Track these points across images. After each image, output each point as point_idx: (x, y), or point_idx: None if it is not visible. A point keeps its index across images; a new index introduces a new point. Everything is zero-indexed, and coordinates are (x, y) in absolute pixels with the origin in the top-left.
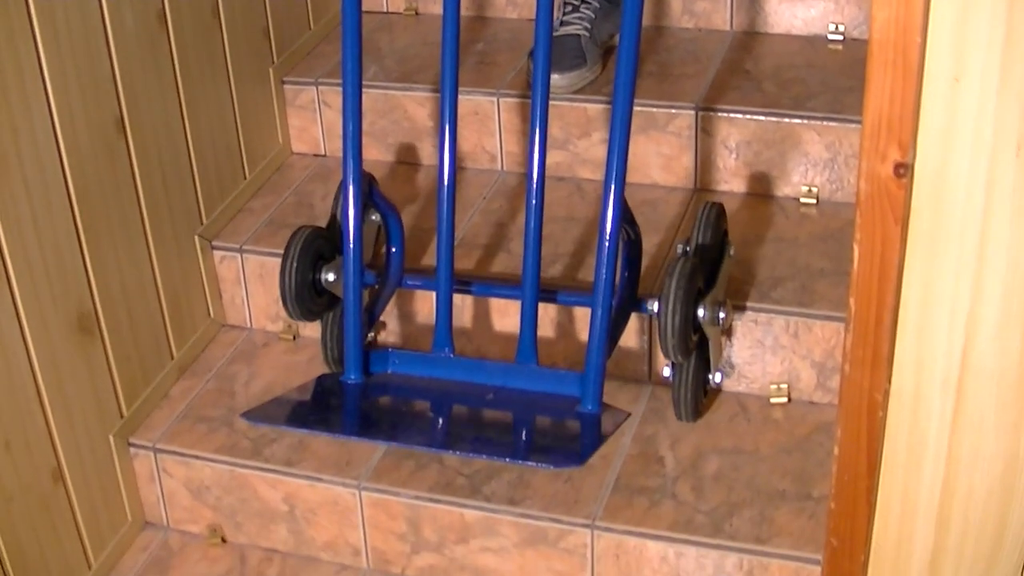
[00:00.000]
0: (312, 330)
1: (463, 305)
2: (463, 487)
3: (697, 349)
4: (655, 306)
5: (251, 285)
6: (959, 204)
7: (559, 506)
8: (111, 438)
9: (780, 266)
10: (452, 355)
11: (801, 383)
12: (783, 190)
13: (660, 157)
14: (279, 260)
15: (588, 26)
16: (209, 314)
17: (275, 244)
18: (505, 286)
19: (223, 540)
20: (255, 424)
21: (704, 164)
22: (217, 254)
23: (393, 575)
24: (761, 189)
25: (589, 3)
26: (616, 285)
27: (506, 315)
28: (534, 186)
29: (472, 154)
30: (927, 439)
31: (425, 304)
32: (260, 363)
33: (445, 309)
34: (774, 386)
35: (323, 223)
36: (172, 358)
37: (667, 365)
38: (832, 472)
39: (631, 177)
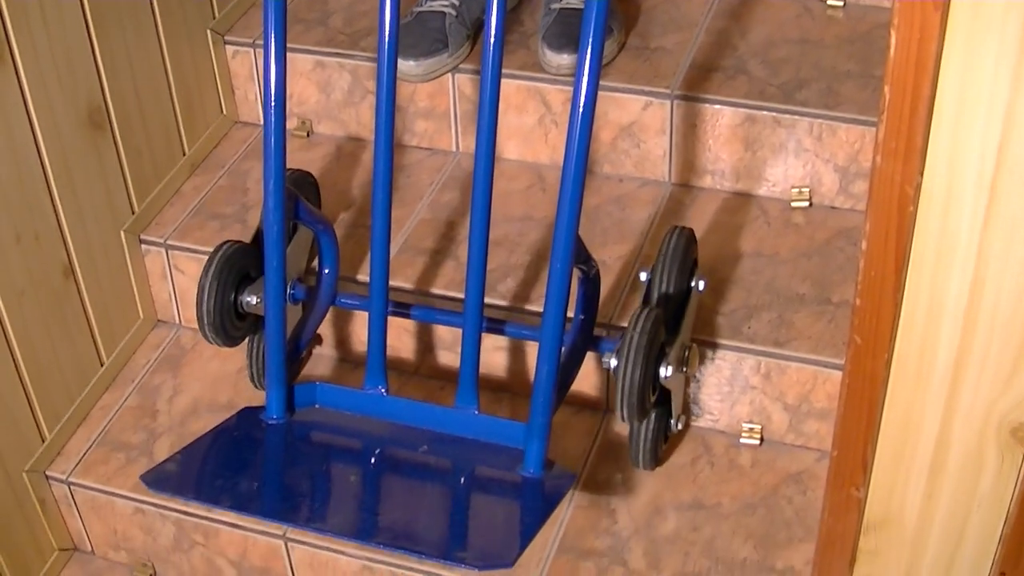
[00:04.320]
0: (327, 127)
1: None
2: None
3: (658, 401)
4: (612, 361)
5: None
6: None
7: None
8: (122, 234)
9: (805, 68)
10: (385, 393)
11: (823, 187)
12: None
13: None
14: (292, 55)
15: (456, 3)
16: (221, 110)
17: (290, 38)
18: (448, 312)
19: None
20: (156, 492)
21: None
22: (230, 48)
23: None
24: None
25: None
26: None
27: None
28: (480, 208)
29: None
30: (958, 237)
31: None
32: None
33: (379, 337)
34: (795, 190)
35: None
36: (184, 155)
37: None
38: (858, 268)
39: None
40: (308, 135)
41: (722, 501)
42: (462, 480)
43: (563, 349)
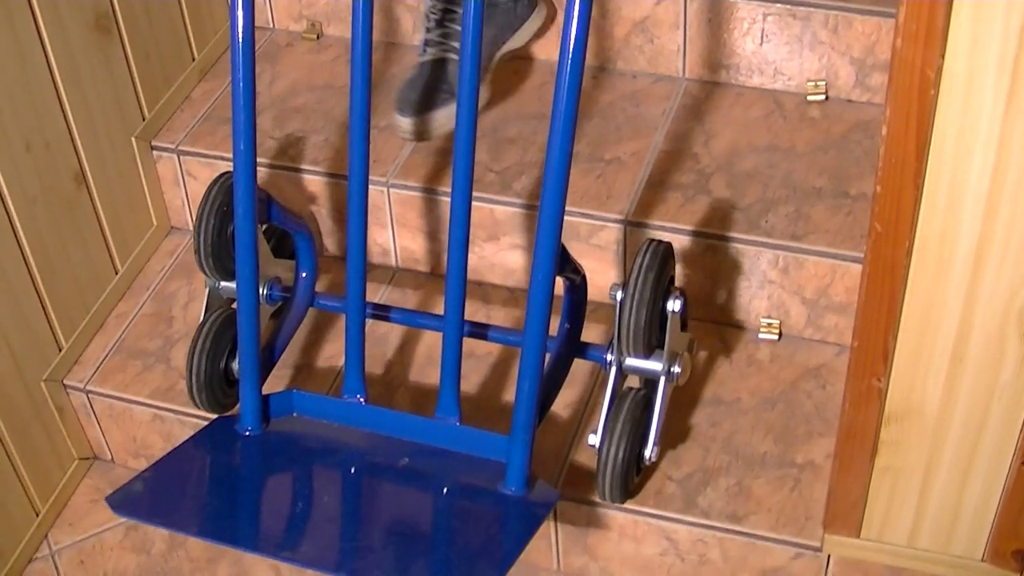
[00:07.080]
0: (336, 28)
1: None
2: (493, 184)
3: (634, 420)
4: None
5: None
6: None
7: (591, 201)
8: (133, 140)
9: None
10: (364, 402)
11: (839, 80)
12: None
13: None
14: None
15: (456, 44)
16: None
17: None
18: (428, 316)
19: None
20: (124, 518)
21: None
22: None
23: None
24: None
25: (455, 10)
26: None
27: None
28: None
29: None
30: (979, 121)
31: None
32: (284, 63)
33: (356, 344)
34: (811, 83)
35: None
36: (193, 60)
37: (593, 432)
38: (878, 155)
39: None
40: (318, 38)
41: (741, 396)
42: (442, 499)
43: (547, 360)
